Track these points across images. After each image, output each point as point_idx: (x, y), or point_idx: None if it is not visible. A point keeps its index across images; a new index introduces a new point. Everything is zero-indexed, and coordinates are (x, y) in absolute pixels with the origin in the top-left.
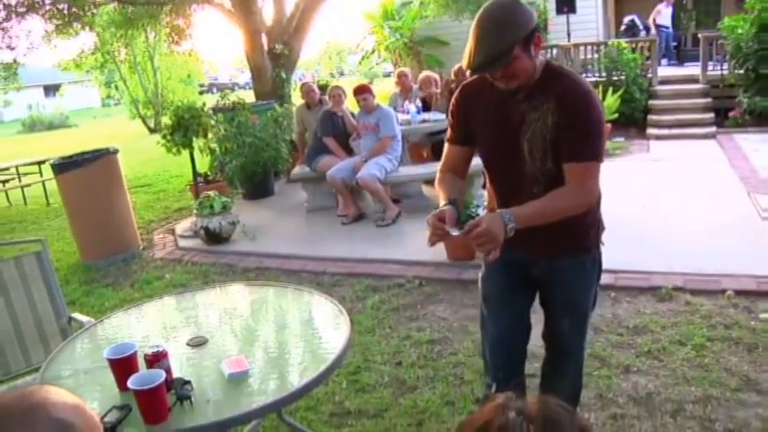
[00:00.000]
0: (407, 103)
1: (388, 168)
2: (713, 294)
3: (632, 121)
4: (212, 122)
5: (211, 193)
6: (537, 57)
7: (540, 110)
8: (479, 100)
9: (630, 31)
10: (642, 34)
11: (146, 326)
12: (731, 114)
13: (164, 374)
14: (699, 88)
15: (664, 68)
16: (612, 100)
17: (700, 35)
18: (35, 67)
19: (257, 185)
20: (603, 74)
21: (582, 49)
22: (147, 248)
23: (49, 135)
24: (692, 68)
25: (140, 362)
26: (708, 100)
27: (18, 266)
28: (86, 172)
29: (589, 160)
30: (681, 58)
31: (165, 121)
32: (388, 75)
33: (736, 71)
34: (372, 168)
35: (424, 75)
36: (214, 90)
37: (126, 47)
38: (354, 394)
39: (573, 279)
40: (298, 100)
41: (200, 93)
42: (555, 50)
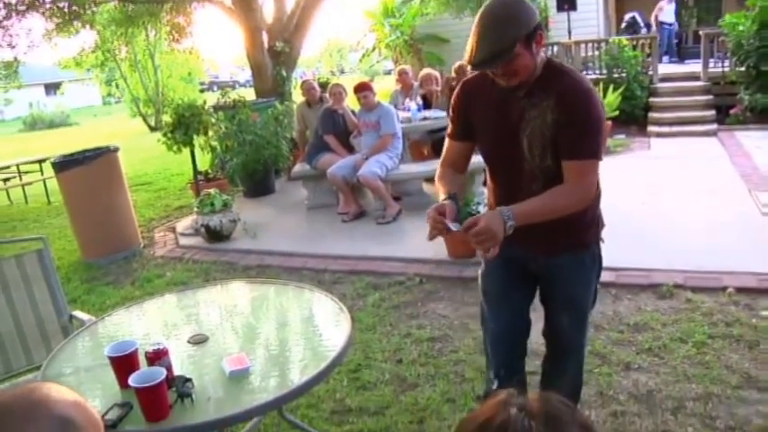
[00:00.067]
0: (408, 101)
1: (388, 166)
2: (714, 292)
3: (633, 118)
4: (213, 120)
5: (212, 191)
6: (538, 54)
7: (540, 107)
8: (480, 96)
9: (631, 28)
10: (643, 31)
11: (147, 324)
12: (732, 112)
13: (164, 372)
14: (700, 85)
15: (665, 66)
16: (613, 97)
17: (701, 32)
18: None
19: (258, 183)
20: (604, 71)
21: (583, 46)
22: (148, 246)
23: (50, 133)
24: (693, 66)
25: (141, 359)
26: (709, 97)
27: (19, 265)
28: (87, 170)
29: (588, 158)
30: (682, 55)
31: (166, 119)
32: (388, 72)
33: (737, 68)
34: (373, 166)
35: (424, 72)
36: (215, 88)
37: (126, 45)
38: (355, 392)
39: (572, 275)
40: (298, 98)
41: (201, 91)
42: (556, 48)
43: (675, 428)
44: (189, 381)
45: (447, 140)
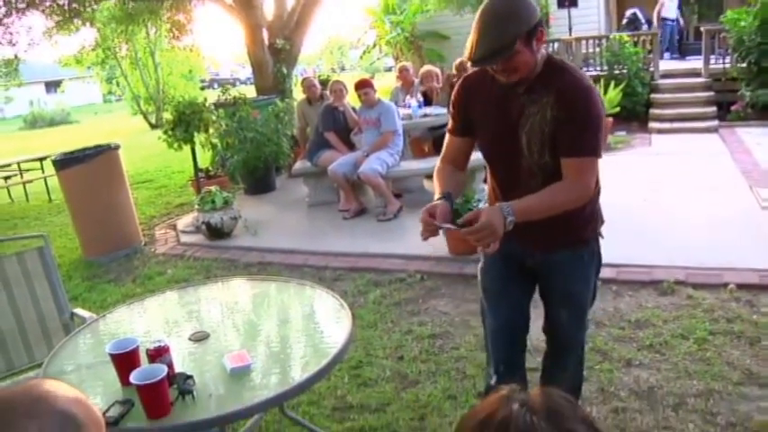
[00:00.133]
0: (409, 98)
1: (389, 163)
2: (715, 288)
3: (634, 114)
4: (213, 118)
5: (213, 189)
6: (539, 51)
7: (540, 103)
8: (480, 92)
9: (632, 24)
10: (644, 28)
11: (148, 321)
12: (733, 108)
13: (166, 369)
14: (701, 82)
15: (666, 62)
16: (614, 94)
17: (702, 28)
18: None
19: (259, 180)
20: (605, 68)
21: (584, 42)
22: (149, 244)
23: (51, 131)
24: (695, 62)
25: (142, 357)
26: (710, 93)
27: (20, 262)
28: (88, 168)
29: (587, 155)
30: (683, 51)
31: (167, 116)
32: (389, 69)
33: (738, 64)
34: (374, 163)
35: (425, 69)
36: (215, 85)
37: (127, 42)
38: (356, 388)
39: (570, 271)
40: (299, 95)
41: (202, 88)
42: (556, 44)
43: (676, 425)
44: (190, 378)
45: (447, 136)
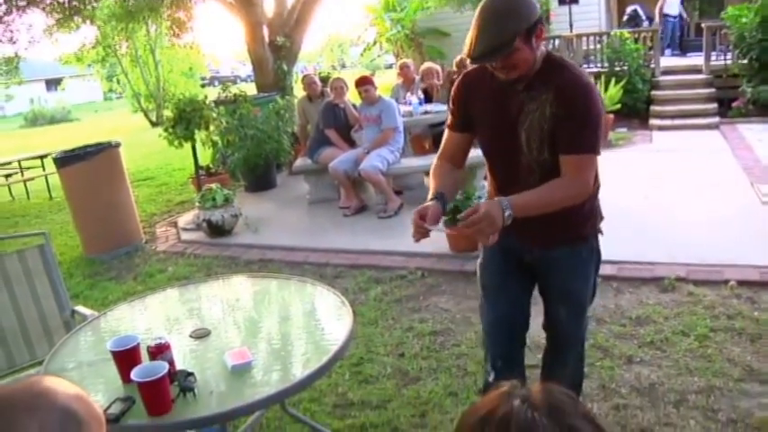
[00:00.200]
0: (409, 95)
1: (390, 160)
2: (716, 285)
3: (635, 111)
4: (214, 115)
5: (213, 186)
6: (538, 48)
7: (539, 100)
8: (480, 89)
9: (633, 21)
10: (645, 24)
11: (149, 318)
12: (734, 104)
13: (167, 366)
14: (702, 78)
15: (666, 59)
16: (615, 91)
17: (703, 25)
18: (37, 62)
19: (259, 178)
20: (606, 64)
21: (584, 39)
22: (150, 241)
23: (52, 129)
24: (695, 58)
25: (143, 354)
26: (711, 90)
27: (21, 260)
28: (89, 165)
29: (586, 152)
30: (684, 48)
31: (167, 114)
32: (389, 66)
33: (739, 61)
34: (374, 160)
35: (425, 66)
36: (216, 83)
37: (127, 40)
38: (357, 385)
39: (569, 268)
40: (299, 92)
41: (202, 86)
42: (557, 41)
43: (677, 421)
44: (191, 375)
45: (446, 132)
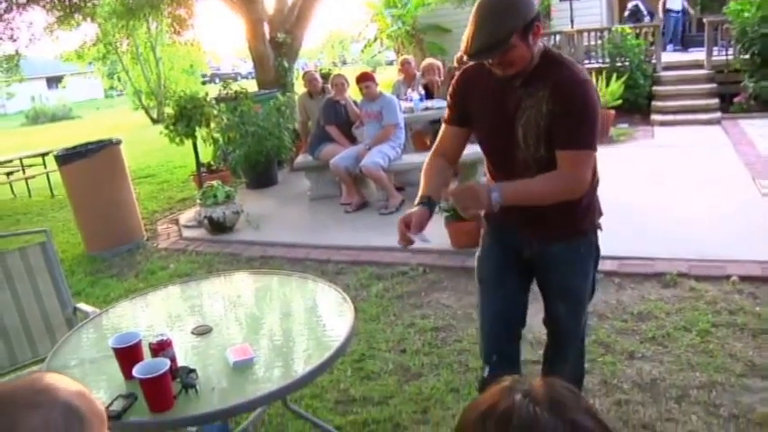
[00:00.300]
0: (410, 91)
1: (391, 156)
2: (718, 280)
3: (636, 107)
4: (215, 112)
5: (215, 183)
6: (535, 45)
7: (536, 97)
8: (478, 85)
9: (634, 16)
10: (646, 20)
11: (150, 315)
12: (736, 100)
13: (168, 363)
14: (703, 74)
15: (668, 54)
16: (616, 86)
17: (705, 20)
18: (37, 59)
19: (260, 175)
20: (607, 60)
21: (585, 35)
22: (152, 239)
23: (53, 127)
24: (697, 54)
25: (145, 351)
26: (713, 85)
27: (23, 257)
28: (90, 163)
29: (582, 148)
30: (685, 43)
31: (168, 111)
32: (390, 63)
33: (741, 56)
34: (375, 156)
35: (426, 62)
36: (217, 80)
37: (128, 37)
38: (359, 382)
39: (568, 264)
40: (300, 89)
41: (203, 83)
42: (558, 37)
43: (679, 417)
44: (193, 371)
45: (442, 126)
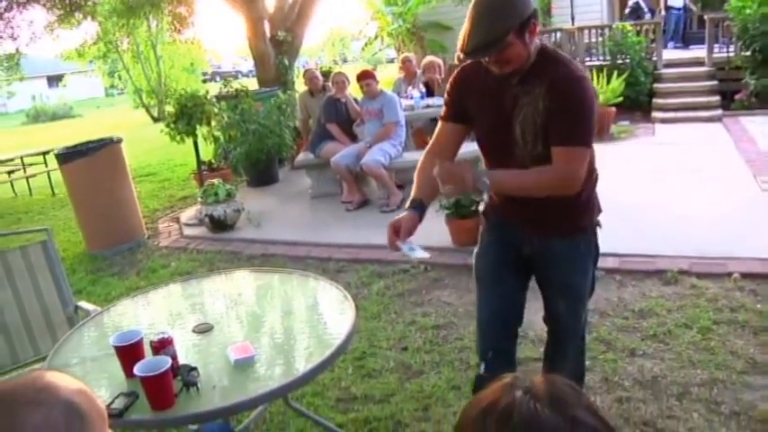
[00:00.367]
0: (411, 89)
1: (392, 154)
2: (719, 277)
3: (637, 104)
4: (216, 110)
5: (216, 181)
6: (532, 43)
7: (533, 94)
8: (476, 83)
9: (635, 13)
10: (647, 17)
11: (152, 313)
12: (737, 97)
13: (170, 361)
14: (704, 71)
15: (669, 51)
16: (617, 83)
17: (706, 17)
18: (38, 58)
19: (261, 173)
20: (608, 57)
21: (586, 32)
22: (153, 237)
23: (53, 126)
24: (698, 51)
25: (146, 349)
26: (714, 83)
27: (24, 256)
28: (91, 161)
29: (577, 145)
30: (686, 40)
31: (169, 109)
32: (391, 61)
33: (742, 53)
34: (376, 154)
35: (427, 60)
36: (217, 78)
37: (128, 36)
38: (360, 379)
39: (567, 260)
40: (301, 87)
41: (204, 81)
42: (559, 34)
43: (680, 414)
44: (194, 369)
45: (439, 124)
